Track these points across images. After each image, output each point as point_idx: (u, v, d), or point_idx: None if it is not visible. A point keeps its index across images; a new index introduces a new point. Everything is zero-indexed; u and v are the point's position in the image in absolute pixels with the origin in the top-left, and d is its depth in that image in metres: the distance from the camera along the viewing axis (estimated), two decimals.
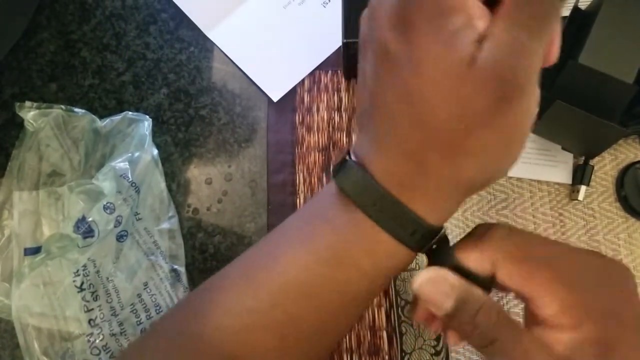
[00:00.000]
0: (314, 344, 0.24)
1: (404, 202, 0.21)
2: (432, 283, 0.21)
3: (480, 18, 0.18)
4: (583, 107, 0.34)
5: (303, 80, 0.43)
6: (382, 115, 0.21)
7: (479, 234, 0.23)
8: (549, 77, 0.37)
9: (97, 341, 0.35)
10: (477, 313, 0.21)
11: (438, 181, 0.21)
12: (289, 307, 0.23)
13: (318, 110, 0.42)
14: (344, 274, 0.22)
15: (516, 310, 0.38)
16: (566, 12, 0.37)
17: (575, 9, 0.36)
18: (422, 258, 0.38)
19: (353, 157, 0.22)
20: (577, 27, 0.35)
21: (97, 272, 0.36)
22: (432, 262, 0.23)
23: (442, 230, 0.22)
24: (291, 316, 0.23)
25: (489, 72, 0.18)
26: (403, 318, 0.38)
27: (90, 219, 0.35)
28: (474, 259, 0.22)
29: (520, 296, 0.22)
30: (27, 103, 0.38)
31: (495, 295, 0.38)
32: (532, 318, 0.22)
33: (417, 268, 0.38)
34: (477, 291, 0.21)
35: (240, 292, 0.24)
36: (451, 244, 0.23)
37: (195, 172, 0.41)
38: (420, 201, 0.21)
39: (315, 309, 0.23)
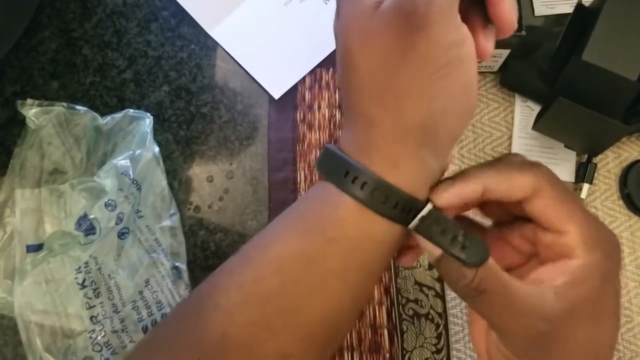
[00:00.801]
0: (297, 324, 0.23)
1: (361, 162, 0.21)
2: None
3: None
4: (586, 104, 0.33)
5: (304, 78, 0.43)
6: (339, 81, 0.23)
7: (517, 162, 0.23)
8: (552, 74, 0.37)
9: (99, 338, 0.35)
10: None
11: (385, 134, 0.21)
12: (268, 281, 0.22)
13: (319, 107, 0.42)
14: (312, 244, 0.22)
15: None
16: (570, 9, 0.37)
17: (579, 5, 0.36)
18: (424, 261, 0.38)
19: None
20: (581, 23, 0.35)
21: (99, 269, 0.36)
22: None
23: (428, 206, 0.22)
24: (271, 290, 0.22)
25: (389, 9, 0.19)
26: (404, 316, 0.38)
27: (92, 217, 0.35)
28: (512, 183, 0.22)
29: (546, 225, 0.23)
30: (29, 101, 0.38)
31: None
32: (546, 250, 0.23)
33: (419, 266, 0.38)
34: None
35: (234, 270, 0.24)
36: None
37: (197, 170, 0.41)
38: (377, 160, 0.21)
39: (292, 283, 0.22)
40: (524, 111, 0.41)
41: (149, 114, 0.39)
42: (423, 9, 0.19)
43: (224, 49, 0.43)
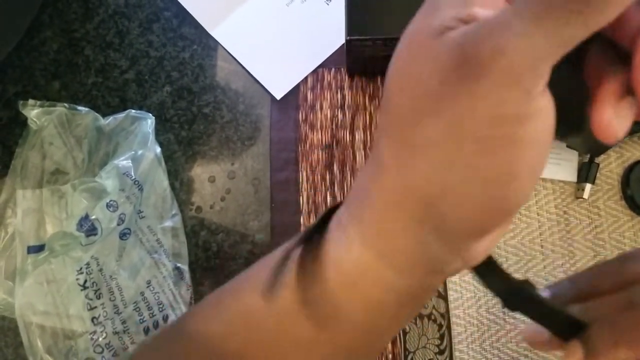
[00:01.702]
0: None
1: (350, 215, 0.18)
2: None
3: (482, 3, 0.15)
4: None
5: (306, 78, 0.43)
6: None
7: None
8: (555, 75, 0.37)
9: (100, 339, 0.35)
10: None
11: (385, 190, 0.17)
12: (236, 341, 0.21)
13: (321, 108, 0.42)
14: (278, 307, 0.19)
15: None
16: None
17: None
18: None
19: None
20: None
21: (100, 270, 0.36)
22: None
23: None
24: (238, 352, 0.20)
25: (453, 41, 0.14)
26: None
27: (93, 217, 0.35)
28: None
29: None
30: (31, 101, 0.38)
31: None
32: None
33: None
34: None
35: (207, 317, 0.22)
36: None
37: (199, 170, 0.41)
38: (367, 228, 0.17)
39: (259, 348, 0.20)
40: None
41: (150, 115, 0.39)
42: (487, 56, 0.13)
43: (225, 49, 0.43)
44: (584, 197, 0.39)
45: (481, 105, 0.14)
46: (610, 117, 0.15)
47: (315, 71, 0.43)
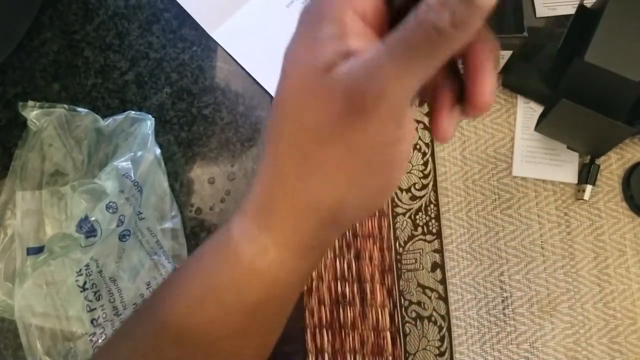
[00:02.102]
0: None
1: (259, 225, 0.21)
2: None
3: (355, 35, 0.18)
4: (589, 105, 0.33)
5: None
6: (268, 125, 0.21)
7: None
8: (554, 76, 0.37)
9: (100, 341, 0.35)
10: None
11: (295, 202, 0.20)
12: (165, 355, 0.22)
13: None
14: (209, 313, 0.22)
15: (521, 311, 0.38)
16: (572, 10, 0.37)
17: (581, 6, 0.36)
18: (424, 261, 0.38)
19: None
20: (583, 24, 0.35)
21: (100, 271, 0.36)
22: None
23: None
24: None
25: (341, 78, 0.17)
26: (407, 319, 0.38)
27: (92, 219, 0.34)
28: None
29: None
30: (30, 103, 0.38)
31: (500, 296, 0.38)
32: None
33: (422, 268, 0.38)
34: None
35: (127, 335, 0.24)
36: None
37: (198, 172, 0.41)
38: (277, 225, 0.20)
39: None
40: (527, 113, 0.41)
41: (150, 116, 0.39)
42: (371, 100, 0.17)
43: (225, 50, 0.43)
44: (584, 198, 0.39)
45: (368, 137, 0.18)
46: (448, 123, 0.19)
47: None
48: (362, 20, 0.18)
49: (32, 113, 0.38)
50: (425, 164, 0.39)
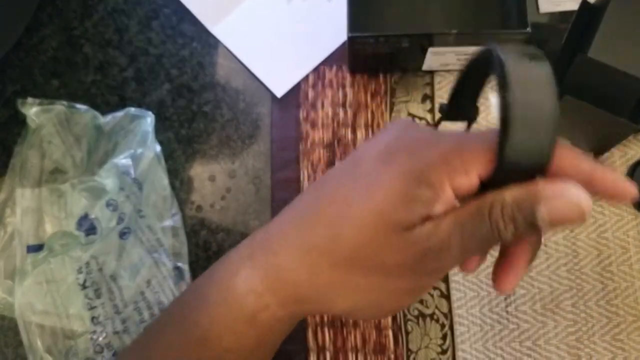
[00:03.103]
0: None
1: (268, 288, 0.23)
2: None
3: (442, 203, 0.20)
4: (592, 102, 0.33)
5: (307, 76, 0.42)
6: (306, 202, 0.24)
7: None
8: (558, 72, 0.36)
9: (100, 339, 0.35)
10: None
11: (309, 294, 0.23)
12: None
13: (322, 106, 0.42)
14: (210, 351, 0.24)
15: (523, 308, 0.38)
16: (575, 5, 0.37)
17: (584, 2, 0.36)
18: None
19: None
20: (587, 20, 0.35)
21: (100, 269, 0.36)
22: None
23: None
24: None
25: (411, 246, 0.20)
26: (409, 316, 0.37)
27: (92, 216, 0.34)
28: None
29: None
30: (30, 100, 0.38)
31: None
32: None
33: None
34: None
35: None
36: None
37: (199, 169, 0.41)
38: (283, 295, 0.23)
39: None
40: None
41: (150, 113, 0.39)
42: (429, 271, 0.21)
43: (225, 46, 0.43)
44: None
45: (410, 290, 0.22)
46: (514, 279, 0.22)
47: (316, 69, 0.42)
48: (455, 194, 0.20)
49: (32, 110, 0.38)
50: None
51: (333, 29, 0.42)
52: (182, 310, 0.26)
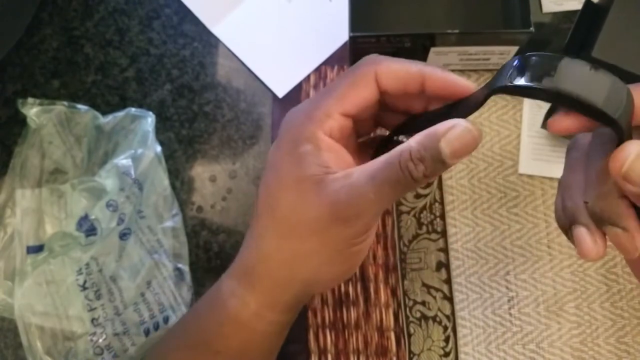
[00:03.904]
0: None
1: (244, 287, 0.26)
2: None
3: (327, 150, 0.24)
4: None
5: (309, 76, 0.42)
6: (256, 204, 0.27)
7: None
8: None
9: (100, 340, 0.35)
10: None
11: (274, 276, 0.25)
12: None
13: None
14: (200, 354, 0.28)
15: (527, 310, 0.37)
16: (578, 5, 0.36)
17: (588, 1, 0.35)
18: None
19: None
20: (590, 20, 0.35)
21: (100, 270, 0.35)
22: None
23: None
24: None
25: (326, 197, 0.23)
26: (411, 319, 0.37)
27: (92, 217, 0.34)
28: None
29: None
30: (30, 100, 0.38)
31: (506, 295, 0.37)
32: None
33: (426, 268, 0.38)
34: None
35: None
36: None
37: (199, 170, 0.41)
38: (258, 289, 0.26)
39: None
40: (533, 109, 0.40)
41: (151, 113, 0.39)
42: (352, 217, 0.23)
43: (226, 46, 0.43)
44: None
45: (342, 237, 0.24)
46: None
47: (318, 69, 0.42)
48: (330, 136, 0.24)
49: (32, 110, 0.37)
50: None
51: (335, 29, 0.42)
52: (183, 321, 0.31)
